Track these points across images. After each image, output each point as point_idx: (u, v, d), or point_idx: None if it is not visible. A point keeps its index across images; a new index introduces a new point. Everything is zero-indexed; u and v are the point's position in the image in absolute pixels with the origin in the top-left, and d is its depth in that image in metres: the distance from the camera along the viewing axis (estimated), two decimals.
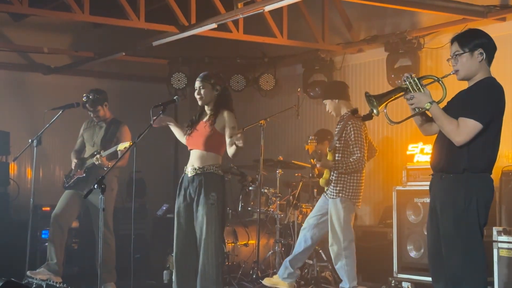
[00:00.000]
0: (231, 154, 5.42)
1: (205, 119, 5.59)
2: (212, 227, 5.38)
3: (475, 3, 6.92)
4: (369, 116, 4.54)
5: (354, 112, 5.92)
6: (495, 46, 4.32)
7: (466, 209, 4.14)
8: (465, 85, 4.35)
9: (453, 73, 4.27)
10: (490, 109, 4.16)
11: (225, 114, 5.51)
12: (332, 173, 6.31)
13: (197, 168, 5.48)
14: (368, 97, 4.30)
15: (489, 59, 4.28)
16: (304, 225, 6.62)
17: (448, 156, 4.24)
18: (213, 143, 5.51)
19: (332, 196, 6.33)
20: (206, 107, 5.64)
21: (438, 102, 4.26)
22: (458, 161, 4.19)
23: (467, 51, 4.22)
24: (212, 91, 5.56)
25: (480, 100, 4.15)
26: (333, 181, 6.29)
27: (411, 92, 4.25)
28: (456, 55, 4.24)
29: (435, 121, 4.28)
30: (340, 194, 6.31)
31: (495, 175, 6.65)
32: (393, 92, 4.38)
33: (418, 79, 4.28)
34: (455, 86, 4.38)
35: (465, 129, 4.11)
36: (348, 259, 6.27)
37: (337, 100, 6.40)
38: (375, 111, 4.28)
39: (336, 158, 6.35)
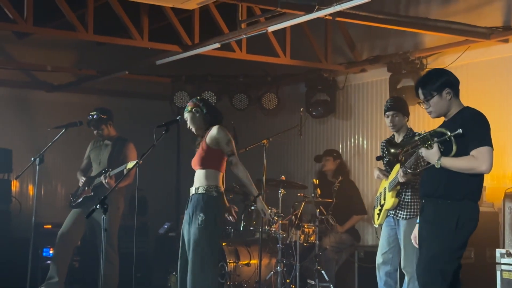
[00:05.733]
0: (237, 174, 5.58)
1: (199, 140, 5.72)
2: (198, 248, 5.35)
3: (478, 25, 6.94)
4: (381, 158, 5.41)
5: (378, 159, 5.92)
6: (457, 78, 4.56)
7: (455, 232, 4.36)
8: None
9: (458, 132, 4.35)
10: (489, 133, 4.42)
11: (214, 129, 5.58)
12: (405, 193, 5.90)
13: (194, 188, 5.56)
14: (386, 148, 4.91)
15: (456, 92, 4.51)
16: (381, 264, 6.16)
17: (448, 183, 4.42)
18: (208, 160, 5.54)
19: (408, 217, 5.88)
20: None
21: (449, 155, 4.40)
22: (458, 188, 4.40)
23: (436, 94, 4.47)
24: (195, 116, 5.65)
25: (478, 127, 4.39)
26: (409, 201, 5.88)
27: (423, 146, 4.48)
28: (427, 99, 4.50)
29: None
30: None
31: (499, 196, 6.66)
32: (407, 144, 4.82)
33: (431, 135, 4.48)
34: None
35: (484, 157, 4.33)
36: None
37: (406, 118, 6.21)
38: (390, 158, 5.15)
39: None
